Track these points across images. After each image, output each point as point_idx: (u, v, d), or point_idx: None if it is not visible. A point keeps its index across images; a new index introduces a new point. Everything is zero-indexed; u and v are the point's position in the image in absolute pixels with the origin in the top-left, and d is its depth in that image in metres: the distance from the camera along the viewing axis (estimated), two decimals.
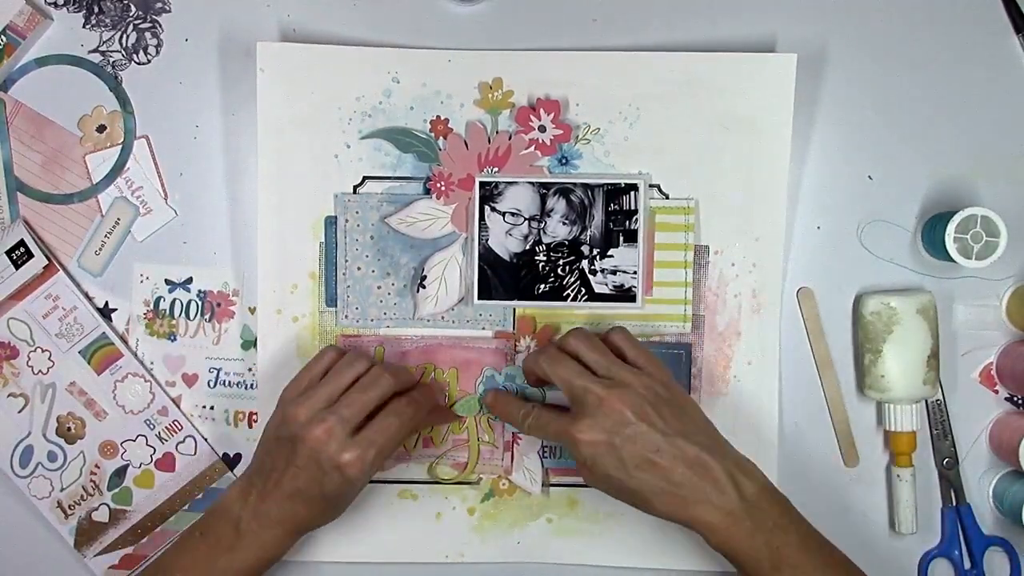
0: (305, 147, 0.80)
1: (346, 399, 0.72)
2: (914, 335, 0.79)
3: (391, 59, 0.80)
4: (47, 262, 0.81)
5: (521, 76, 0.80)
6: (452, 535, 0.82)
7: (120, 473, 0.83)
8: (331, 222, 0.81)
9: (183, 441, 0.83)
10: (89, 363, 0.82)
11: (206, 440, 0.83)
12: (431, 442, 0.82)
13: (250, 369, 0.83)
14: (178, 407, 0.83)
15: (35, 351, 0.82)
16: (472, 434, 0.82)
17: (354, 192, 0.81)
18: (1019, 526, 0.79)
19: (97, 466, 0.83)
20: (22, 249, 0.80)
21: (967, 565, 0.83)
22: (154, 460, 0.83)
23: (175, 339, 0.83)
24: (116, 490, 0.83)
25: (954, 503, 0.83)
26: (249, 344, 0.83)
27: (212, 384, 0.83)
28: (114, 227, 0.82)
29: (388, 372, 0.74)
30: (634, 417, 0.70)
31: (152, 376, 0.83)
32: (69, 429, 0.82)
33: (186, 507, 0.83)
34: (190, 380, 0.83)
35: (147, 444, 0.83)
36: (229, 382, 0.83)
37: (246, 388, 0.83)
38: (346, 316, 0.81)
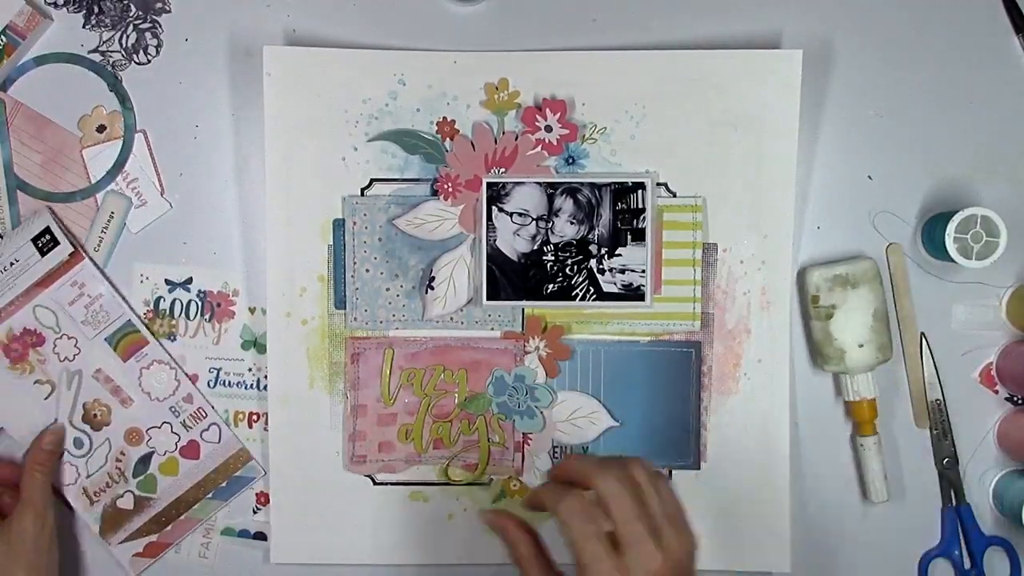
0: (312, 150, 0.80)
1: None
2: (861, 302, 0.79)
3: (397, 61, 0.80)
4: (73, 249, 0.81)
5: (527, 76, 0.80)
6: (463, 537, 0.82)
7: (145, 460, 0.83)
8: (339, 225, 0.81)
9: (207, 429, 0.83)
10: (115, 350, 0.82)
11: (230, 428, 0.83)
12: (442, 444, 0.82)
13: (250, 369, 0.83)
14: (202, 395, 0.82)
15: (61, 338, 0.82)
16: (482, 435, 0.82)
17: (362, 194, 0.81)
18: (1019, 526, 0.79)
19: (122, 453, 0.82)
20: (48, 236, 0.80)
21: (967, 565, 0.83)
22: (179, 447, 0.83)
23: (175, 339, 0.83)
24: (141, 477, 0.83)
25: (954, 503, 0.83)
26: (249, 344, 0.83)
27: (212, 384, 0.83)
28: (109, 221, 0.82)
29: None
30: None
31: (177, 364, 0.82)
32: (95, 416, 0.82)
33: (210, 495, 0.83)
34: (190, 380, 0.83)
35: (172, 431, 0.83)
36: (229, 382, 0.83)
37: (246, 388, 0.83)
38: (355, 318, 0.81)
